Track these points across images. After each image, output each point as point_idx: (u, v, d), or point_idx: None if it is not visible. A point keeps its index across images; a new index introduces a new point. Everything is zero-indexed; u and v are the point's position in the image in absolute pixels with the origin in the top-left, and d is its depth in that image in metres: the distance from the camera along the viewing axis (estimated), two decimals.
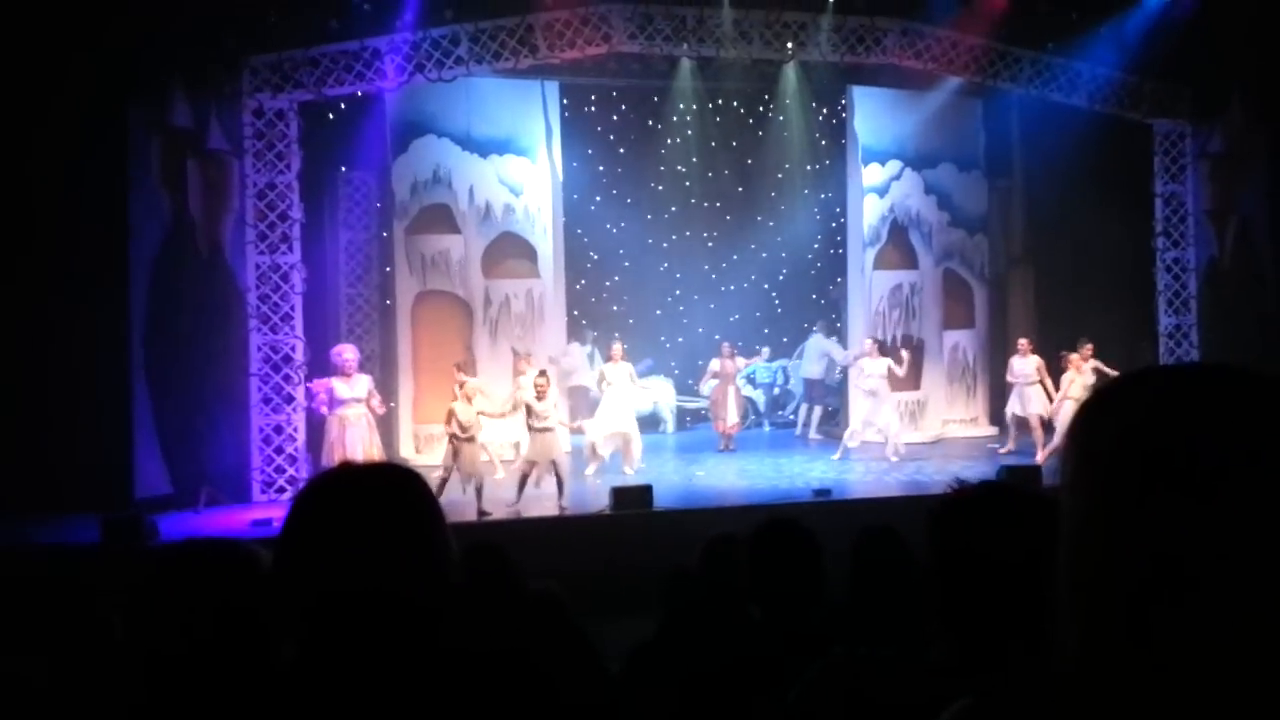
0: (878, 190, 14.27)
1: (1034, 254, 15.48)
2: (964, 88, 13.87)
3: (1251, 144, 13.44)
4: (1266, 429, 0.75)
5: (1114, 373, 11.63)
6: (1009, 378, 12.72)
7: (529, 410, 9.70)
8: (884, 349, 12.74)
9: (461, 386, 9.79)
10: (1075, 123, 13.21)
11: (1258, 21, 12.09)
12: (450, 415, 9.51)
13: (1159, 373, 0.82)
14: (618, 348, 12.13)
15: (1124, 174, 13.76)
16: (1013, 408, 12.74)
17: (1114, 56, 12.96)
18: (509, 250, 13.36)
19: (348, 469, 1.48)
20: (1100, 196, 13.70)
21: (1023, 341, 12.85)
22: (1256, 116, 13.33)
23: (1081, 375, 11.55)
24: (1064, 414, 11.53)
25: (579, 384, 13.72)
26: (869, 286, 14.23)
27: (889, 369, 12.30)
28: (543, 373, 10.17)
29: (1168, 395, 0.79)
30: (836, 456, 12.24)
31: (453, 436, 9.43)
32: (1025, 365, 12.48)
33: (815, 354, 14.87)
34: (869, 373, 12.37)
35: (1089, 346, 11.86)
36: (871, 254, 14.25)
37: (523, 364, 11.51)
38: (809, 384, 15.05)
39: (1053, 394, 12.08)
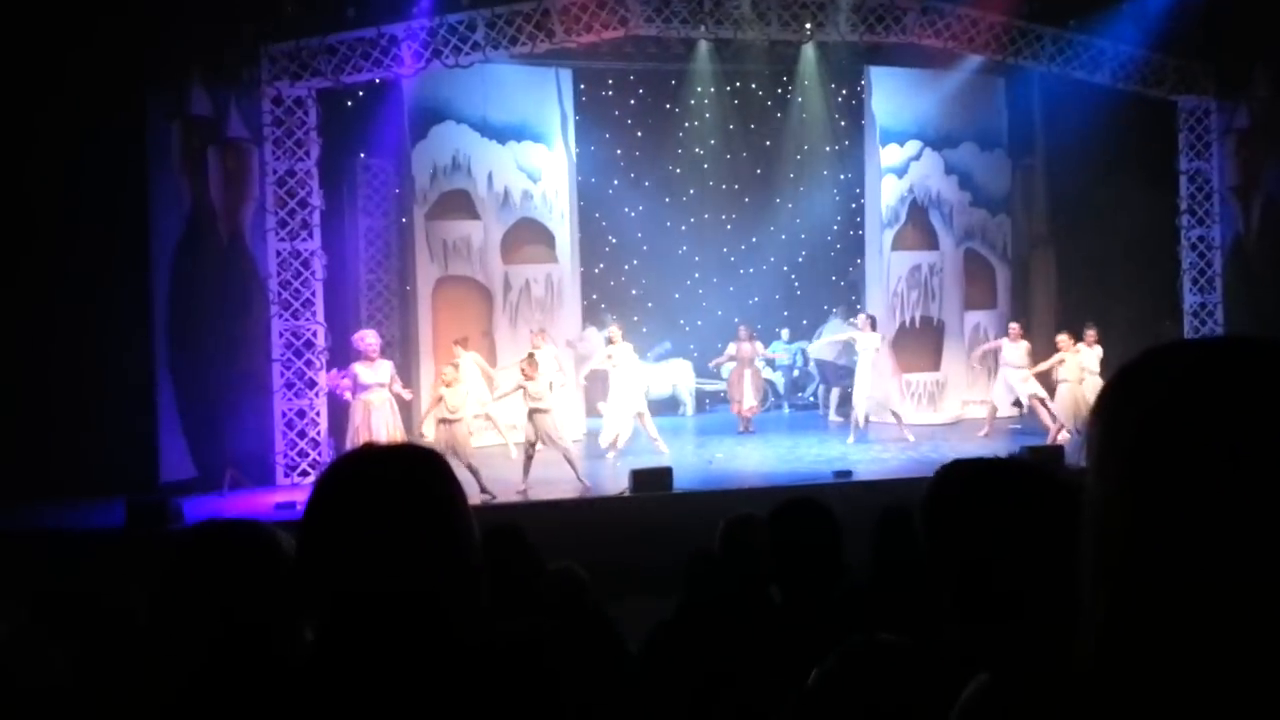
0: (896, 171, 14.18)
1: (1057, 234, 15.33)
2: (985, 66, 13.75)
3: (1277, 119, 13.25)
4: None
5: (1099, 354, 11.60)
6: (1001, 362, 12.46)
7: (524, 391, 9.76)
8: (875, 324, 12.63)
9: (455, 368, 9.87)
10: (1098, 100, 13.05)
11: None
12: (438, 398, 9.62)
13: (1184, 346, 0.81)
14: (615, 330, 12.07)
15: (1148, 152, 13.60)
16: (995, 394, 12.61)
17: (1137, 33, 12.78)
18: (527, 236, 13.45)
19: (371, 450, 1.48)
20: (1124, 175, 13.55)
21: (1014, 326, 12.64)
22: None
23: (1078, 356, 11.45)
24: (1059, 397, 11.44)
25: (598, 368, 13.73)
26: (887, 268, 14.17)
27: (883, 343, 12.44)
28: (530, 355, 10.25)
29: (1194, 370, 0.78)
30: (850, 440, 12.21)
31: (441, 420, 9.53)
32: (1015, 351, 12.22)
33: (829, 336, 14.87)
34: (862, 347, 12.37)
35: (1092, 332, 11.74)
36: (890, 235, 14.17)
37: (536, 340, 11.59)
38: (821, 365, 15.04)
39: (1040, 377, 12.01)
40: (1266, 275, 13.22)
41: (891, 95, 14.21)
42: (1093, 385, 11.17)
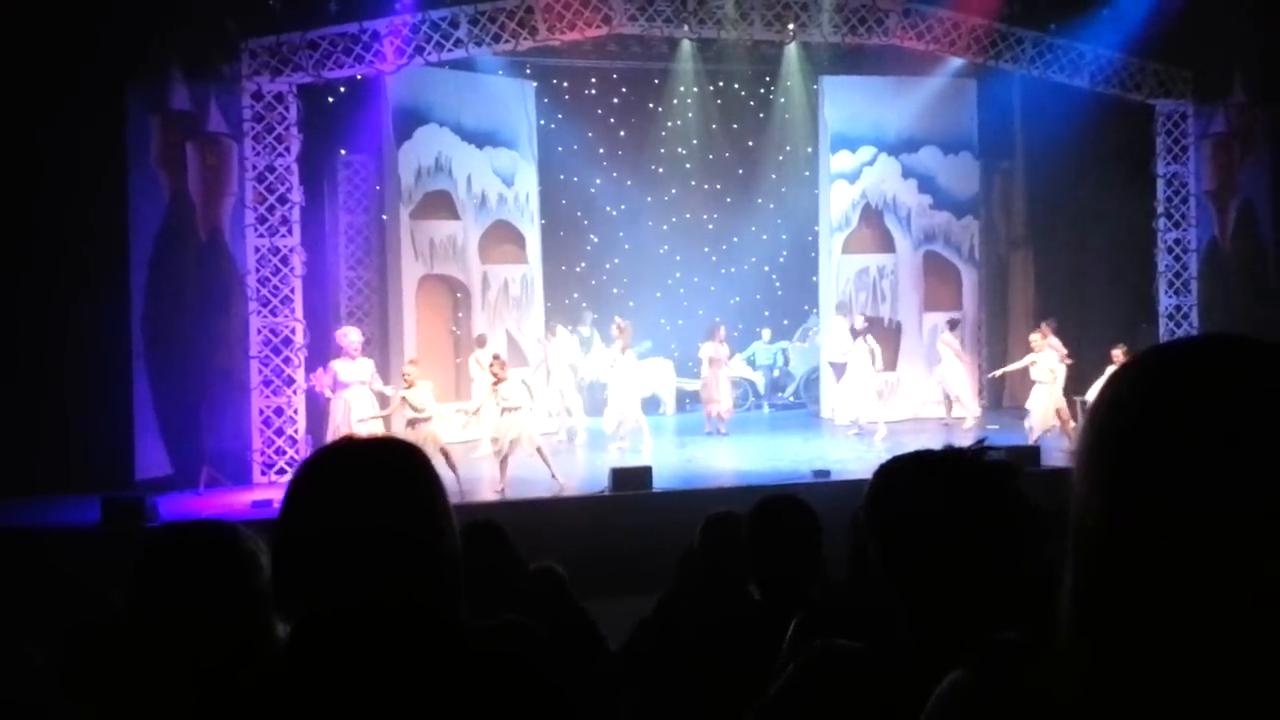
0: (847, 177, 14.61)
1: (1035, 236, 15.47)
2: (958, 70, 13.96)
3: (1253, 124, 13.41)
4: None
5: (1062, 349, 11.68)
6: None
7: (495, 391, 9.84)
8: (854, 332, 13.12)
9: (406, 378, 9.93)
10: (1076, 104, 13.17)
11: (1260, 2, 12.03)
12: (403, 401, 9.66)
13: (1175, 347, 0.83)
14: (622, 323, 12.38)
15: (1125, 155, 13.72)
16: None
17: (1116, 37, 12.89)
18: (503, 237, 13.79)
19: (350, 442, 1.48)
20: (1101, 178, 13.68)
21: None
22: (1259, 97, 13.30)
23: (1042, 354, 11.52)
24: (1034, 397, 11.47)
25: (566, 367, 13.76)
26: (835, 270, 14.56)
27: (863, 350, 12.76)
28: (496, 356, 10.34)
29: (1186, 367, 0.80)
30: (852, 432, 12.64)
31: (410, 421, 9.56)
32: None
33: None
34: (859, 351, 12.76)
35: (1047, 324, 11.95)
36: (840, 239, 14.57)
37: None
38: (835, 367, 15.12)
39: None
40: (1241, 278, 13.38)
41: (845, 103, 14.59)
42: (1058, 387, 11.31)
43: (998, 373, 13.01)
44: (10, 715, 1.91)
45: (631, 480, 9.15)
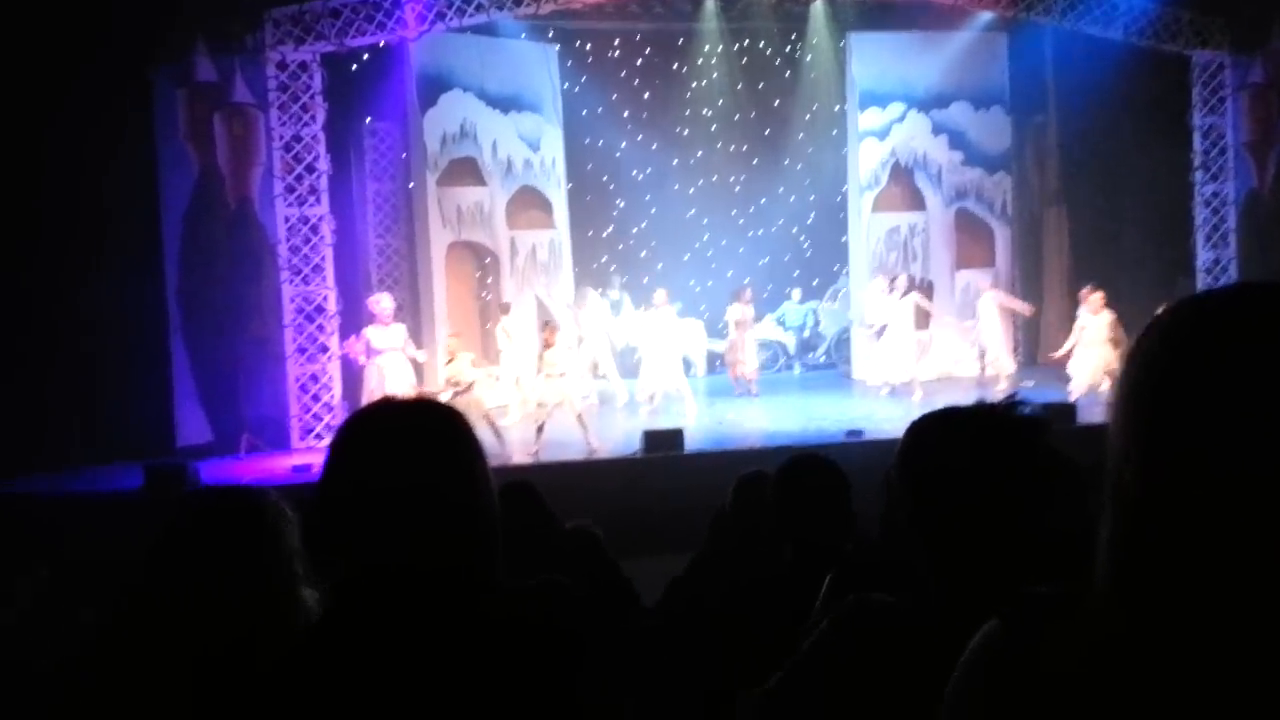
0: (876, 134, 14.39)
1: (1068, 191, 15.22)
2: (988, 23, 13.67)
3: None
4: None
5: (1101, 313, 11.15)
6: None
7: (540, 358, 9.97)
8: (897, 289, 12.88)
9: (450, 352, 10.21)
10: (1110, 56, 12.88)
11: None
12: (448, 383, 9.94)
13: (1210, 296, 0.83)
14: (661, 292, 12.36)
15: (1161, 107, 13.42)
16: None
17: None
18: (529, 202, 13.76)
19: (391, 402, 1.48)
20: (1137, 131, 13.41)
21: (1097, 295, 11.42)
22: None
23: (1097, 318, 11.16)
24: (1081, 360, 11.09)
25: (600, 332, 13.81)
26: (866, 230, 14.40)
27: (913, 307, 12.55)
28: (548, 323, 10.52)
29: (1221, 316, 0.80)
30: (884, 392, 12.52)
31: (456, 392, 9.74)
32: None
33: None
34: (900, 309, 12.57)
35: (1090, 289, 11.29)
36: (870, 198, 14.38)
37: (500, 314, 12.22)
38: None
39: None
40: None
41: (874, 59, 14.31)
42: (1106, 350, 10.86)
43: (1060, 352, 11.53)
44: (62, 674, 1.96)
45: (664, 442, 9.19)
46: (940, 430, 1.47)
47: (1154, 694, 0.78)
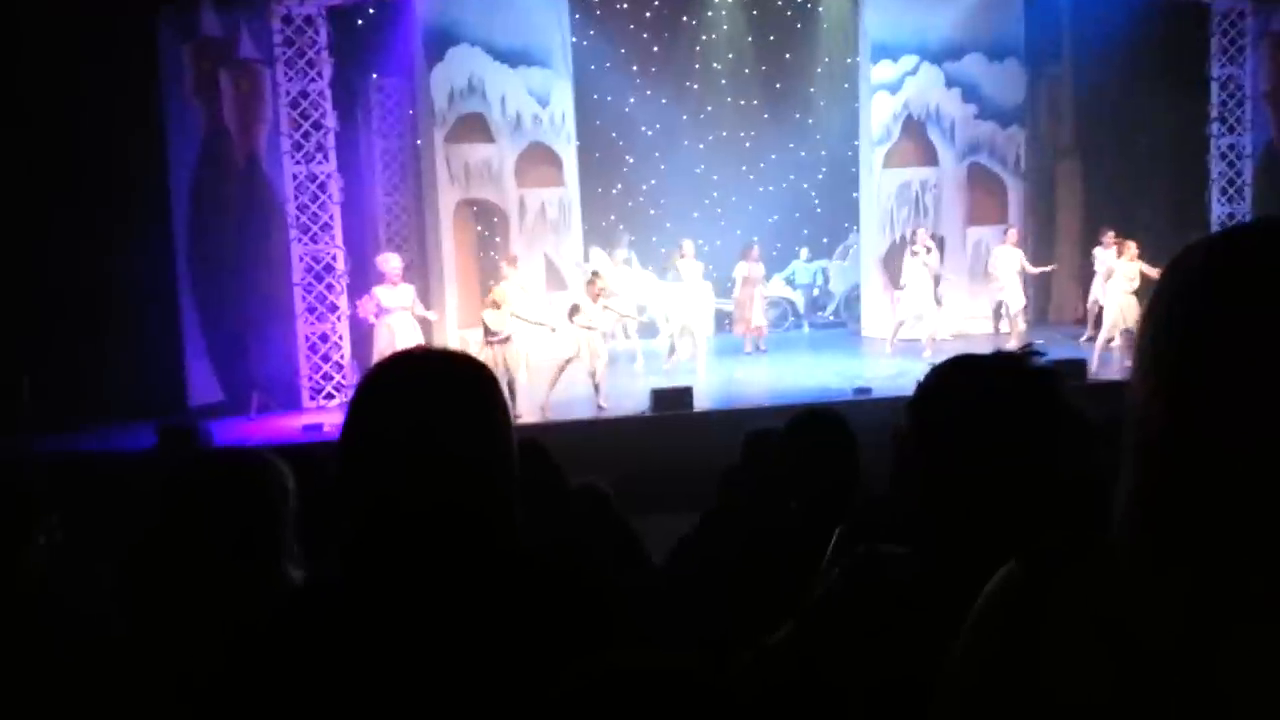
0: (889, 87, 14.19)
1: (1082, 144, 15.03)
2: None
3: None
4: None
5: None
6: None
7: (575, 309, 9.87)
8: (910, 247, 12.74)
9: (490, 294, 9.99)
10: (1127, 5, 12.66)
11: None
12: (482, 323, 9.75)
13: (1236, 231, 0.81)
14: (687, 244, 12.55)
15: (1179, 58, 13.20)
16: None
17: None
18: (539, 159, 13.60)
19: (415, 352, 1.46)
20: (1154, 82, 13.20)
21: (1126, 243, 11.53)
22: None
23: (1122, 263, 11.15)
24: (1111, 302, 11.15)
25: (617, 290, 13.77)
26: (877, 186, 14.26)
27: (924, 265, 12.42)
28: (596, 273, 10.56)
29: (1253, 252, 0.78)
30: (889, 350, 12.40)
31: (488, 341, 9.57)
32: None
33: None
34: (921, 266, 12.43)
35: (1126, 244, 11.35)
36: (881, 152, 14.23)
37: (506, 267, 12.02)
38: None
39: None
40: None
41: (886, 11, 14.06)
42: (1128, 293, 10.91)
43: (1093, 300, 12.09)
44: (81, 627, 1.99)
45: (673, 401, 9.20)
46: (953, 375, 1.46)
47: (1177, 637, 0.78)
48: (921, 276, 12.38)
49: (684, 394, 9.32)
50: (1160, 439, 0.80)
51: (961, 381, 1.44)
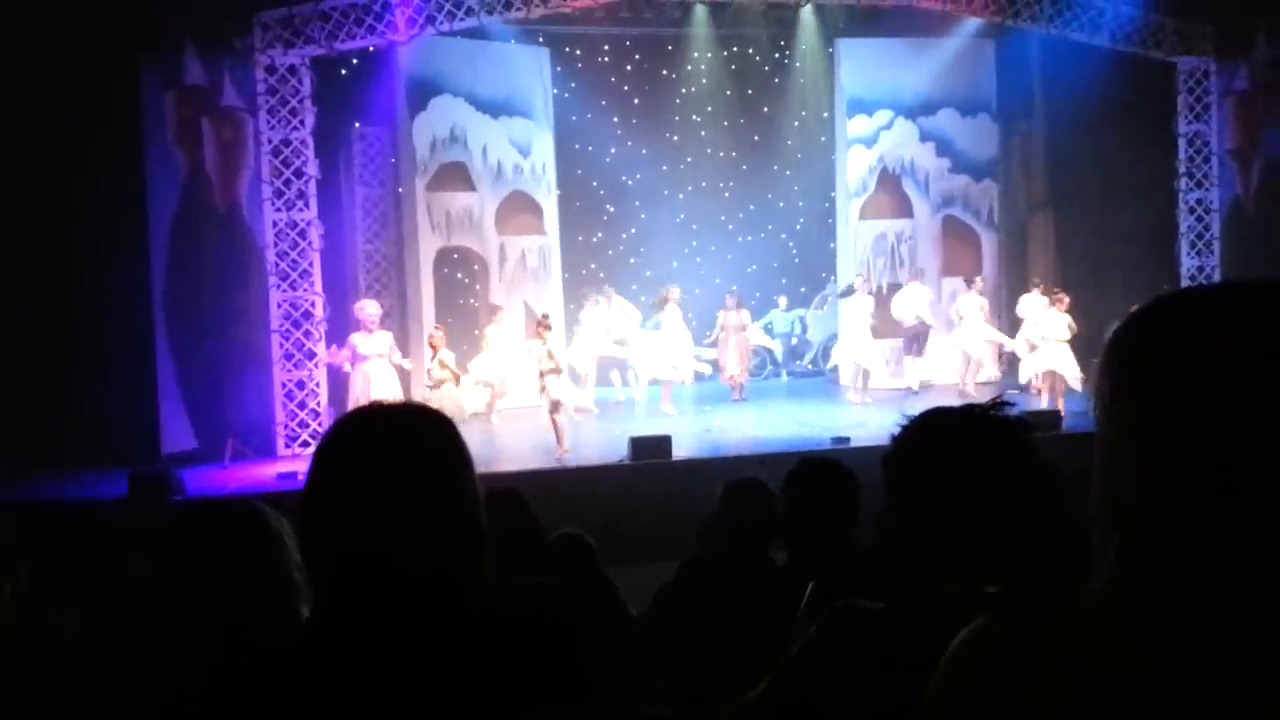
0: (864, 141, 14.47)
1: (1054, 198, 15.29)
2: (976, 30, 13.74)
3: (1276, 81, 13.16)
4: None
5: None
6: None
7: (547, 354, 10.00)
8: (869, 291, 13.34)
9: (435, 351, 10.12)
10: (1096, 63, 12.96)
11: None
12: (429, 373, 10.03)
13: (1193, 293, 0.83)
14: (674, 290, 12.94)
15: (1146, 114, 13.52)
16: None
17: None
18: (520, 207, 13.72)
19: (377, 406, 1.47)
20: (1122, 138, 13.49)
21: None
22: None
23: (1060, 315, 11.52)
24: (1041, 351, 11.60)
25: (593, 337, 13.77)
26: (854, 237, 14.48)
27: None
28: (545, 316, 10.73)
29: (1208, 312, 0.79)
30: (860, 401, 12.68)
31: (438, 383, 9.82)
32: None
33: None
34: (856, 308, 13.02)
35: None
36: (857, 204, 14.48)
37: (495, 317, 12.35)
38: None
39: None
40: (1264, 238, 13.20)
41: (862, 67, 14.39)
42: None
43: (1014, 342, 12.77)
44: (46, 677, 1.95)
45: (651, 449, 9.18)
46: (926, 427, 1.48)
47: (1153, 690, 0.78)
48: (858, 319, 12.69)
49: (663, 442, 9.31)
50: (1133, 500, 0.80)
51: (934, 434, 1.46)
